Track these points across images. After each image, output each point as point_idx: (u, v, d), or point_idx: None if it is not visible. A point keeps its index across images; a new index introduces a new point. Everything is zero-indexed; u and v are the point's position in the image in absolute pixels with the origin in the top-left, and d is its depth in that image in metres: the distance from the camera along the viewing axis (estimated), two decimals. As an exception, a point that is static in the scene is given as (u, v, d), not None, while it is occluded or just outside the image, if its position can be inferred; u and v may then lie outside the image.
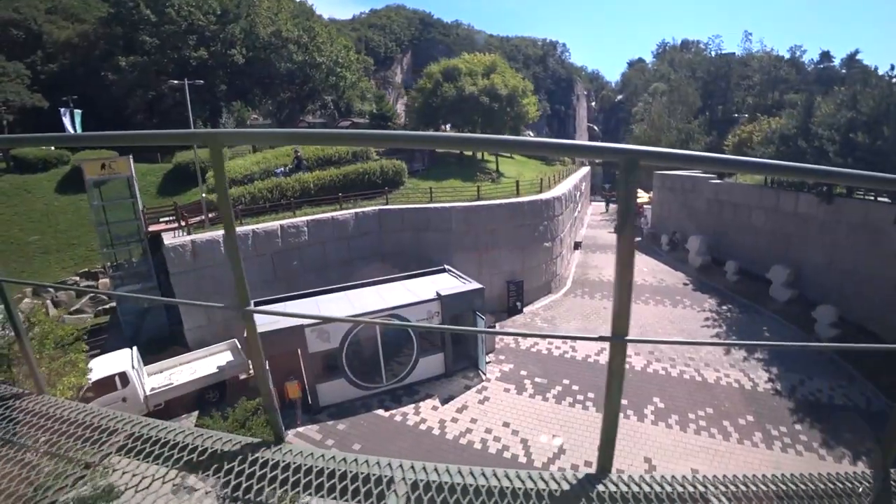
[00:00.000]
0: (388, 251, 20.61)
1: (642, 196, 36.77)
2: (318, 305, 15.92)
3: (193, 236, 16.96)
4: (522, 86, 30.79)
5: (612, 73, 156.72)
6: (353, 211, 19.81)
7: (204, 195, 19.08)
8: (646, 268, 27.89)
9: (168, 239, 16.65)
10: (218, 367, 15.59)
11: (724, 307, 22.83)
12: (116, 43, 35.88)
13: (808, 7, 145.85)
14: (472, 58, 31.42)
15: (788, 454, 13.14)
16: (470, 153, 29.42)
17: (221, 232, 17.36)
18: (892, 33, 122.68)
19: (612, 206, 46.66)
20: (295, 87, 41.23)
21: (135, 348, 15.68)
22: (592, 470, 1.66)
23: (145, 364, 15.71)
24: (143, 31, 34.42)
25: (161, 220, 21.24)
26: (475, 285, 16.94)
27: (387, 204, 20.98)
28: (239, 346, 17.00)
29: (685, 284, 25.41)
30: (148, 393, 14.48)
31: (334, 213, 19.41)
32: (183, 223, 19.21)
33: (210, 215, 19.03)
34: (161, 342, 19.06)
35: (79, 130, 31.53)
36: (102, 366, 14.36)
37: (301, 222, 18.60)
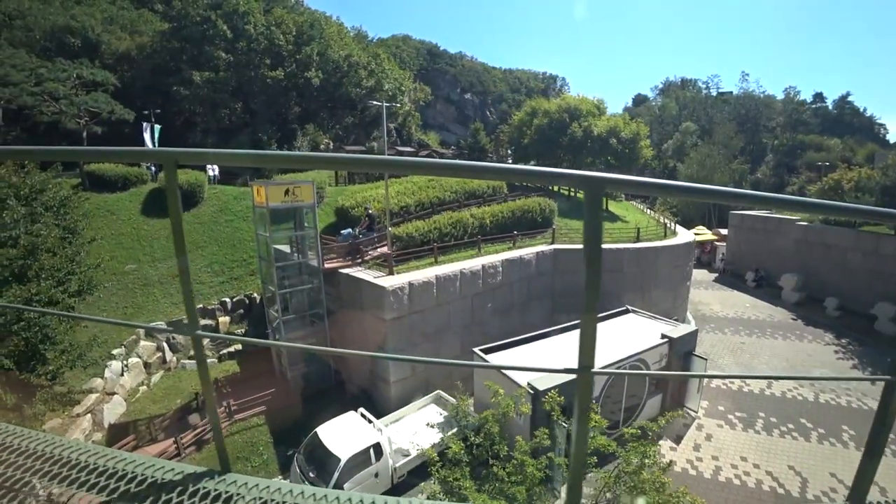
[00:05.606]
0: (560, 291, 20.23)
1: (706, 233, 38.73)
2: (543, 352, 15.41)
3: (408, 277, 15.84)
4: (640, 130, 32.09)
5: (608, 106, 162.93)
6: (534, 250, 19.38)
7: (390, 229, 17.98)
8: (748, 303, 29.13)
9: (387, 282, 15.45)
10: (458, 428, 14.37)
11: (843, 340, 24.25)
12: (179, 57, 33.68)
13: (794, 47, 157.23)
14: (571, 98, 32.26)
15: None
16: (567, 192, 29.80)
17: (433, 272, 16.42)
18: (880, 75, 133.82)
19: None
20: (357, 112, 40.39)
21: (361, 409, 14.15)
22: (843, 498, 1.70)
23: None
24: (218, 47, 32.59)
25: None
26: (691, 327, 17.11)
27: (552, 243, 20.73)
28: (449, 398, 15.80)
29: (794, 319, 26.76)
30: (397, 464, 12.90)
31: (520, 253, 18.92)
32: (359, 259, 17.96)
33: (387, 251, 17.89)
34: (328, 395, 17.49)
35: (156, 146, 28.99)
36: (338, 435, 12.63)
37: (497, 261, 17.90)
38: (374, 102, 19.76)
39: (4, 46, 24.81)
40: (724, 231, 38.22)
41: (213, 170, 26.44)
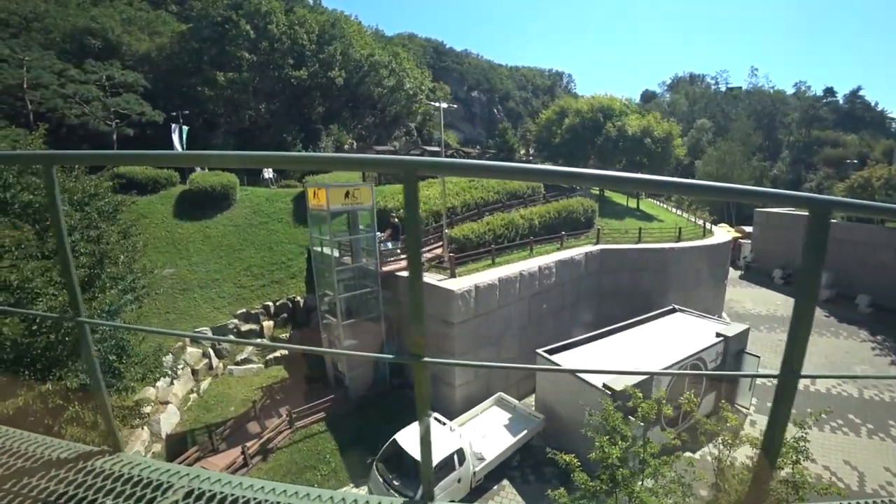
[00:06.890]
0: (606, 291, 20.29)
1: (731, 231, 38.99)
2: (605, 352, 15.47)
3: (472, 280, 15.79)
4: (672, 129, 32.10)
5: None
6: (582, 250, 19.40)
7: (446, 231, 17.91)
8: (779, 300, 29.35)
9: (454, 285, 15.40)
10: (527, 430, 14.41)
11: (878, 337, 24.56)
12: (199, 58, 33.27)
13: (798, 41, 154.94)
14: (602, 97, 32.25)
15: None
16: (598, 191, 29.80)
17: (494, 273, 16.40)
18: (889, 69, 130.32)
19: None
20: (378, 111, 40.19)
21: (435, 414, 14.07)
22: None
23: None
24: (241, 47, 32.23)
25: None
26: (743, 325, 17.25)
27: (597, 243, 20.77)
28: (513, 401, 15.77)
29: (827, 317, 27.02)
30: (476, 468, 12.86)
31: (571, 253, 18.94)
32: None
33: (450, 252, 17.83)
34: (386, 400, 17.43)
35: (184, 148, 28.61)
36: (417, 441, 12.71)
37: (551, 262, 17.90)
38: (433, 104, 19.57)
39: (35, 49, 24.38)
40: (746, 228, 38.51)
41: (269, 172, 26.14)
